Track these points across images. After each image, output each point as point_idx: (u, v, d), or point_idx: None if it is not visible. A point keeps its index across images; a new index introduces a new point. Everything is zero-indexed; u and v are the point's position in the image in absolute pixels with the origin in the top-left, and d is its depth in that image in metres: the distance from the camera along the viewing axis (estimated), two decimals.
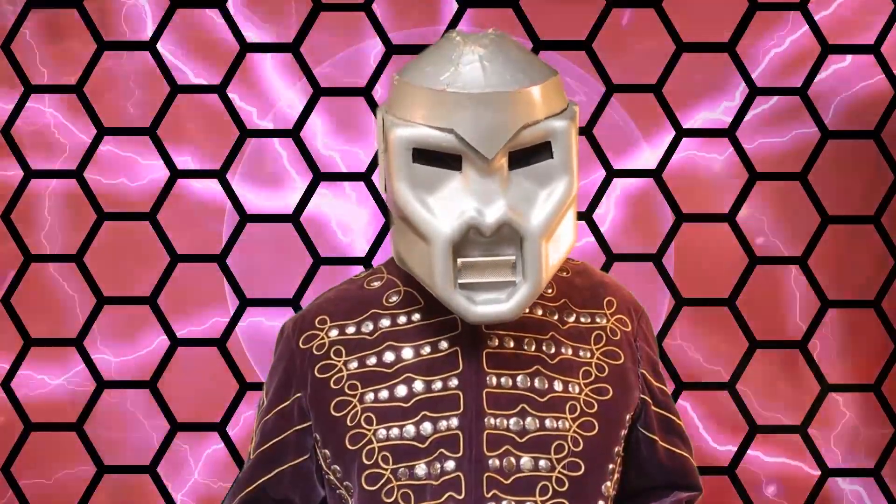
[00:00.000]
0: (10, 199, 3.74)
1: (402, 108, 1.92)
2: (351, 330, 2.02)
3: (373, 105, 3.71)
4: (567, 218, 1.93)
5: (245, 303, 3.74)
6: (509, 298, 1.89)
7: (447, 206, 1.89)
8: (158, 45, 3.74)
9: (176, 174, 3.74)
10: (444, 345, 1.97)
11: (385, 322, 2.01)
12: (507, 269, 1.90)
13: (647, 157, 3.75)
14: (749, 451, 3.74)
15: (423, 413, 1.94)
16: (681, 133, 3.74)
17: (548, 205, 1.90)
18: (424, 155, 1.90)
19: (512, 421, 1.93)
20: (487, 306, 1.89)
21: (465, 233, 1.88)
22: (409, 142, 1.90)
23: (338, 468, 1.97)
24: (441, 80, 1.90)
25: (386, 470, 1.93)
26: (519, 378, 1.95)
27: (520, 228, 1.88)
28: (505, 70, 1.90)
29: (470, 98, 1.87)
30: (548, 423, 1.94)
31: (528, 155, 1.91)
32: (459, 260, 1.89)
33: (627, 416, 2.01)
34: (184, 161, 3.74)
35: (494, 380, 1.95)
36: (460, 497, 1.90)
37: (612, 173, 3.74)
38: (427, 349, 1.97)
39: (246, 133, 3.75)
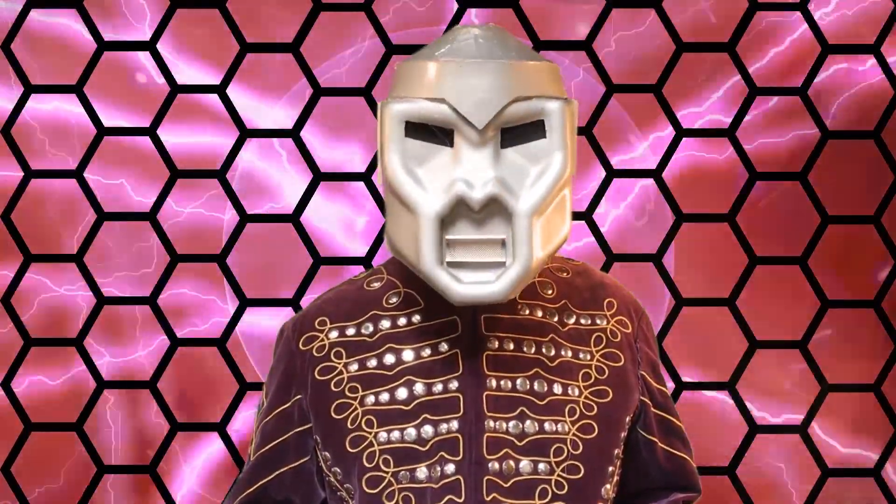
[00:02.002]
0: (10, 200, 3.74)
1: (398, 88, 1.93)
2: (351, 331, 2.01)
3: (373, 105, 3.71)
4: (560, 201, 1.91)
5: (245, 303, 3.74)
6: (498, 279, 1.86)
7: (437, 180, 1.88)
8: (158, 45, 3.74)
9: (176, 174, 3.74)
10: (444, 347, 1.97)
11: (385, 324, 2.00)
12: (496, 248, 1.88)
13: (648, 158, 3.75)
14: (749, 451, 3.74)
15: (423, 416, 1.93)
16: (681, 133, 3.74)
17: (540, 183, 1.88)
18: (417, 129, 1.89)
19: (511, 424, 1.93)
20: (474, 286, 1.86)
21: (454, 206, 1.86)
22: (401, 115, 1.89)
23: (338, 470, 1.97)
24: (436, 54, 1.91)
25: (387, 473, 1.93)
26: (518, 381, 1.95)
27: (509, 205, 1.86)
28: (500, 47, 1.91)
29: (461, 66, 1.87)
30: (547, 426, 1.94)
31: (521, 133, 1.89)
32: (447, 237, 1.87)
33: (627, 419, 2.01)
34: (184, 161, 3.75)
35: (494, 382, 1.95)
36: (460, 500, 1.90)
37: (612, 173, 3.74)
38: (427, 351, 1.97)
39: (246, 133, 3.75)
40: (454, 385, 1.94)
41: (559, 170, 1.89)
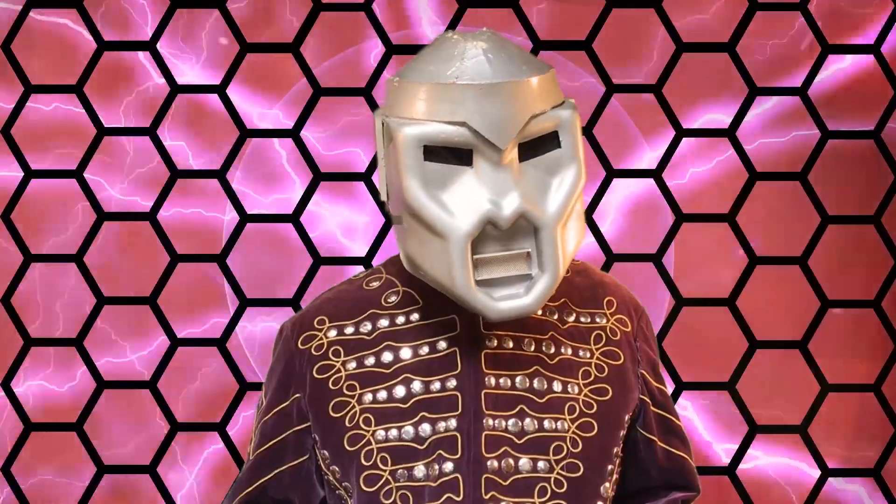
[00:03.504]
0: (10, 199, 3.74)
1: (406, 108, 1.92)
2: (349, 330, 2.01)
3: (373, 105, 3.71)
4: (577, 207, 1.93)
5: (245, 303, 3.74)
6: (528, 291, 1.88)
7: (462, 202, 1.88)
8: (158, 45, 3.74)
9: (176, 174, 3.74)
10: (442, 345, 1.97)
11: (383, 322, 2.00)
12: (522, 261, 1.89)
13: (647, 158, 3.75)
14: (749, 451, 3.74)
15: (421, 414, 1.93)
16: (681, 133, 3.75)
17: (560, 193, 1.90)
18: (434, 152, 1.89)
19: (510, 422, 1.93)
20: (508, 302, 1.88)
21: (482, 227, 1.88)
22: (419, 139, 1.89)
23: (337, 469, 1.97)
24: (448, 74, 1.90)
25: (384, 471, 1.93)
26: (518, 379, 1.95)
27: (535, 219, 1.88)
28: (509, 62, 1.91)
29: (480, 89, 1.88)
30: (546, 424, 1.94)
31: (536, 146, 1.91)
32: (475, 256, 1.88)
33: (626, 417, 2.01)
34: (184, 161, 3.75)
35: (493, 380, 1.95)
36: (459, 499, 1.90)
37: (612, 173, 3.74)
38: (425, 349, 1.97)
39: (246, 133, 3.75)
40: (452, 383, 1.95)
41: (576, 180, 1.91)
